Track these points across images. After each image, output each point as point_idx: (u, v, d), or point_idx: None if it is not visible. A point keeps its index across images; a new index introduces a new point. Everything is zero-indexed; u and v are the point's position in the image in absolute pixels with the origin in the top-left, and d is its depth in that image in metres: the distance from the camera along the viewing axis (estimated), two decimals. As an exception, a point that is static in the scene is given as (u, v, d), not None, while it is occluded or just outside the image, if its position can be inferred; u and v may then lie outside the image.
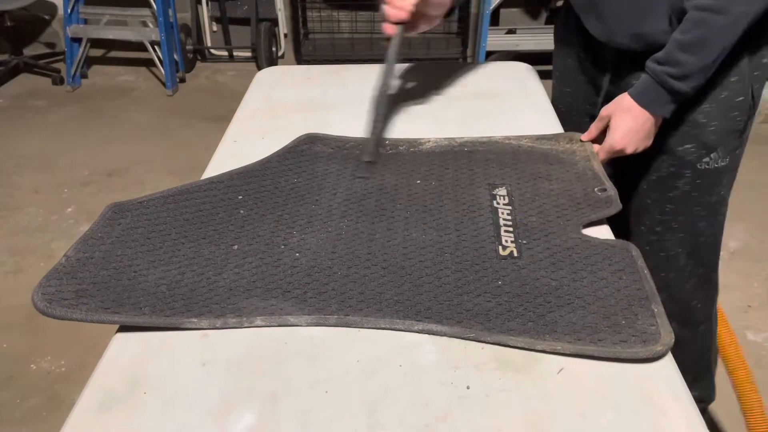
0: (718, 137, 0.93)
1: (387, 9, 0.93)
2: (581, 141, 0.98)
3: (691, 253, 1.04)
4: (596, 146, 0.96)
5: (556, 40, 1.15)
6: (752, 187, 2.42)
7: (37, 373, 1.71)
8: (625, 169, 1.03)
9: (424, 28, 1.00)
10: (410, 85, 1.26)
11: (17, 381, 1.68)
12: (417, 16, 0.95)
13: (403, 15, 0.92)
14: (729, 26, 0.82)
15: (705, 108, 0.92)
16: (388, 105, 0.94)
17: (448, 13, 1.03)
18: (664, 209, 1.00)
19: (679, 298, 1.08)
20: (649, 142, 0.93)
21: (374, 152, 0.96)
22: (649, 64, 0.89)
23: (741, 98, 0.91)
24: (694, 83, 0.86)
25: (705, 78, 0.86)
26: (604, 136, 0.96)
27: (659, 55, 0.88)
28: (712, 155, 0.94)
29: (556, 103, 1.16)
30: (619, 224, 0.91)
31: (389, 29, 0.95)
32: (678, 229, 1.01)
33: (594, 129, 0.96)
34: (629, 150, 0.92)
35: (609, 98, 0.97)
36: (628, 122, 0.91)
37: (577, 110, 1.13)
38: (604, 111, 0.94)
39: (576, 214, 0.83)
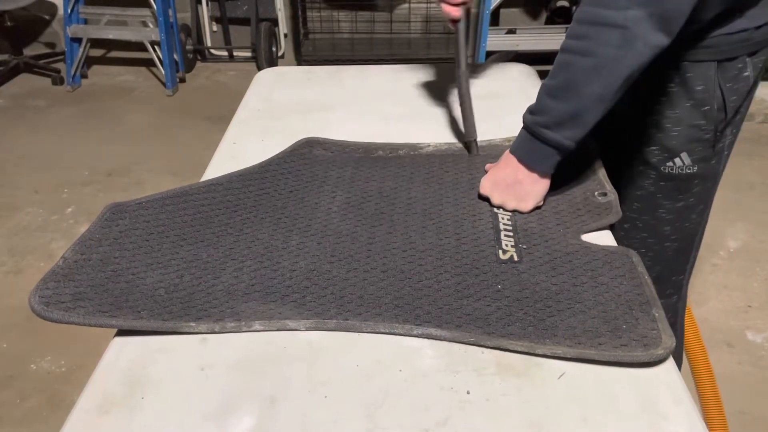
0: (680, 143, 0.90)
1: None
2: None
3: (655, 258, 1.02)
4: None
5: None
6: (752, 187, 2.42)
7: (37, 373, 1.71)
8: (610, 167, 1.02)
9: None
10: (410, 86, 1.26)
11: (17, 381, 1.68)
12: None
13: None
14: (595, 69, 0.74)
15: (669, 113, 0.89)
16: (469, 81, 1.02)
17: None
18: (632, 206, 0.99)
19: None
20: (525, 204, 0.85)
21: (473, 130, 1.01)
22: (524, 114, 0.83)
23: (707, 107, 0.87)
24: (570, 134, 0.79)
25: (583, 128, 0.79)
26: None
27: (533, 104, 0.82)
28: (675, 160, 0.91)
29: None
30: None
31: (454, 11, 0.97)
32: (642, 229, 1.00)
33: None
34: (495, 201, 0.86)
35: None
36: (501, 173, 0.86)
37: None
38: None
39: (575, 222, 0.83)
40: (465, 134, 1.01)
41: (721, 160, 0.95)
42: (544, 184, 0.85)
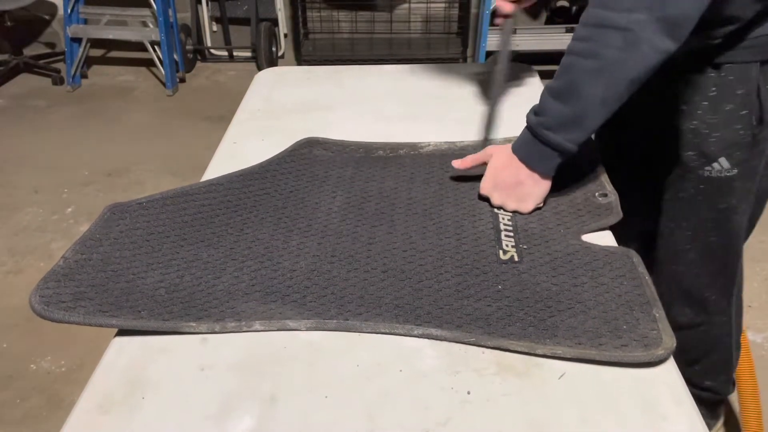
0: (719, 148, 0.90)
1: None
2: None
3: (702, 251, 1.03)
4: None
5: None
6: (753, 188, 2.41)
7: (37, 373, 1.70)
8: (641, 169, 1.03)
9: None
10: (410, 86, 1.26)
11: (17, 381, 1.68)
12: None
13: None
14: (597, 72, 0.74)
15: (707, 118, 0.89)
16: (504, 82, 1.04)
17: None
18: (673, 209, 1.00)
19: (690, 288, 1.07)
20: (525, 205, 0.84)
21: (491, 127, 1.02)
22: (528, 114, 0.83)
23: (745, 112, 0.87)
24: (572, 136, 0.78)
25: (584, 131, 0.78)
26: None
27: (536, 104, 0.82)
28: (714, 165, 0.91)
29: None
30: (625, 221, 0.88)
31: (506, 6, 1.00)
32: (686, 228, 1.01)
33: (470, 160, 0.90)
34: (495, 202, 0.86)
35: None
36: (502, 173, 0.85)
37: None
38: (491, 149, 0.88)
39: (576, 222, 0.83)
40: (485, 132, 1.02)
41: (762, 158, 0.95)
42: (546, 185, 0.84)
